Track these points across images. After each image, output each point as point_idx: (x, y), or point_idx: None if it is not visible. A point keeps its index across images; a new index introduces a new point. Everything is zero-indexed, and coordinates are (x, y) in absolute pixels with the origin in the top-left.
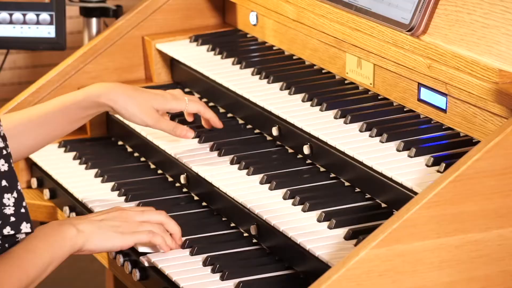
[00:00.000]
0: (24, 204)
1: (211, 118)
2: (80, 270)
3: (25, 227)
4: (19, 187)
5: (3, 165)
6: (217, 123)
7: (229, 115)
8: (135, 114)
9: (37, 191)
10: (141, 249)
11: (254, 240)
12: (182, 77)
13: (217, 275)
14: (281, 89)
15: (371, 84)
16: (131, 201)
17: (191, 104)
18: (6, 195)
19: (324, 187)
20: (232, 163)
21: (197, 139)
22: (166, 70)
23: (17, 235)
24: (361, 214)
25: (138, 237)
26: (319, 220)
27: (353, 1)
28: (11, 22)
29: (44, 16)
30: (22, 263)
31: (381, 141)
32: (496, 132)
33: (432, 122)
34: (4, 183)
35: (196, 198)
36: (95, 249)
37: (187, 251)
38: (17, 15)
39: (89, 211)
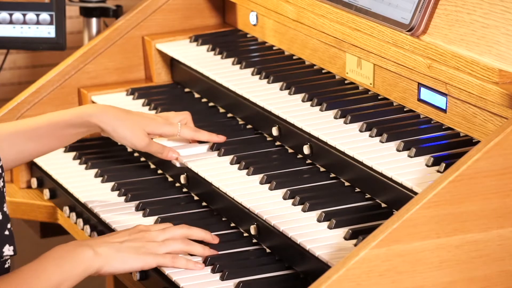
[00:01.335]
0: (8, 226)
1: (208, 140)
2: None
3: (7, 249)
4: (5, 209)
5: None
6: (216, 139)
7: (229, 115)
8: (125, 137)
9: (37, 191)
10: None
11: (254, 240)
12: (182, 77)
13: (217, 275)
14: (281, 89)
15: (371, 84)
16: (131, 201)
17: (184, 131)
18: None
19: (324, 187)
20: (232, 163)
21: None
22: (166, 70)
23: (3, 259)
24: (361, 214)
25: (162, 261)
26: (319, 220)
27: (353, 1)
28: (11, 22)
29: (44, 16)
30: (27, 285)
31: (381, 141)
32: (496, 132)
33: (432, 122)
34: None
35: (196, 198)
36: (114, 271)
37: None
38: (17, 15)
39: (89, 211)
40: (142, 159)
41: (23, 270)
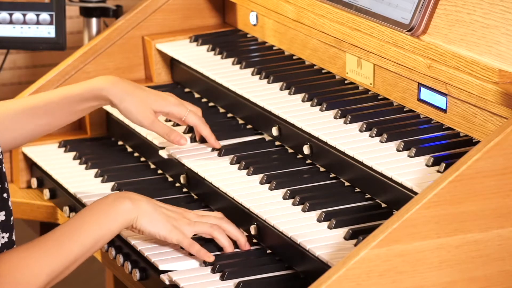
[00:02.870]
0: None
1: (207, 136)
2: (79, 270)
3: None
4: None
5: None
6: (214, 143)
7: (229, 115)
8: (131, 112)
9: (37, 191)
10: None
11: (254, 240)
12: (182, 77)
13: (217, 275)
14: (281, 89)
15: (371, 84)
16: None
17: (191, 116)
18: None
19: (324, 187)
20: (232, 163)
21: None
22: (166, 70)
23: None
24: (361, 214)
25: (181, 240)
26: (319, 220)
27: (353, 1)
28: (11, 22)
29: (44, 16)
30: (63, 244)
31: (381, 141)
32: (496, 132)
33: (432, 122)
34: None
35: (196, 198)
36: (143, 229)
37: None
38: (17, 15)
39: None
40: (142, 159)
41: (61, 229)
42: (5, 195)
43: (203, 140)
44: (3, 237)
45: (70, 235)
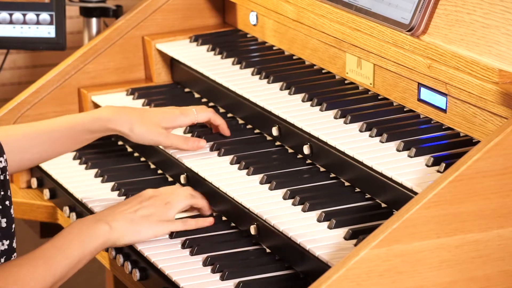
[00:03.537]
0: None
1: (220, 125)
2: (80, 270)
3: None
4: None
5: None
6: (226, 131)
7: (229, 115)
8: (145, 136)
9: (37, 191)
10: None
11: (254, 240)
12: (182, 77)
13: (217, 275)
14: (281, 89)
15: (371, 84)
16: None
17: (201, 114)
18: None
19: (324, 187)
20: (232, 163)
21: None
22: (166, 70)
23: None
24: (361, 214)
25: (173, 227)
26: (319, 220)
27: (353, 1)
28: (11, 22)
29: (44, 16)
30: (50, 262)
31: (381, 141)
32: (496, 132)
33: (432, 122)
34: None
35: None
36: (129, 243)
37: (187, 251)
38: (17, 15)
39: (89, 211)
40: (142, 159)
41: (46, 248)
42: (7, 202)
43: (206, 140)
44: (3, 244)
45: (57, 252)
